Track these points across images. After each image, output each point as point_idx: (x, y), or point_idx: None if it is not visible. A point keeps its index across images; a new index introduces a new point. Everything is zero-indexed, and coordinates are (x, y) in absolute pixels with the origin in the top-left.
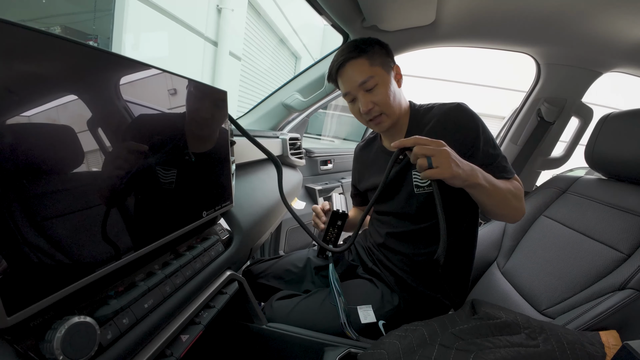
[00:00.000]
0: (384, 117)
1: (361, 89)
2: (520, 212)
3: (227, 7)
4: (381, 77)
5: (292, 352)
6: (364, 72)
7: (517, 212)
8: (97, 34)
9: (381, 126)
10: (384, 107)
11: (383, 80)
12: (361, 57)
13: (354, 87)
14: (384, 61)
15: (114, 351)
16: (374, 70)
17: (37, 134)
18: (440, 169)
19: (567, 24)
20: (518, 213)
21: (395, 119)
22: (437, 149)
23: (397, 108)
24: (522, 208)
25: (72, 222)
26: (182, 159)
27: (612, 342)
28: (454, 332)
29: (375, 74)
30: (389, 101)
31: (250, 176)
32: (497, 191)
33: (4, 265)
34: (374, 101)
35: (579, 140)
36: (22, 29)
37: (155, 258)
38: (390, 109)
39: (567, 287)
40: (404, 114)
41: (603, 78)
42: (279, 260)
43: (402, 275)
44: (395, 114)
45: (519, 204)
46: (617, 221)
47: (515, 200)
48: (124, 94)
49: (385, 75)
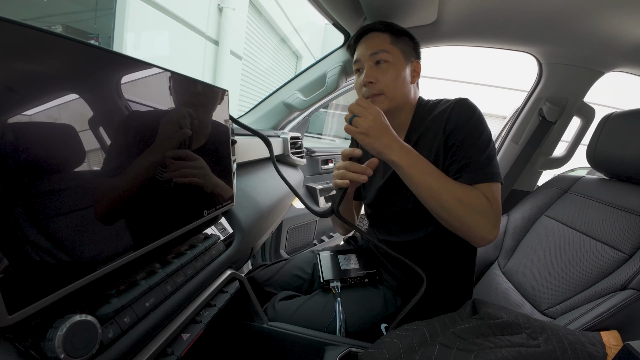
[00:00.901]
0: (382, 97)
1: (371, 60)
2: (477, 231)
3: (228, 6)
4: (396, 58)
5: (293, 351)
6: (381, 44)
7: (470, 229)
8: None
9: (378, 107)
10: (386, 87)
11: (396, 62)
12: (386, 32)
13: (366, 55)
14: (407, 50)
15: (115, 350)
16: (392, 48)
17: (38, 133)
18: (355, 129)
19: (569, 24)
20: (472, 231)
21: (394, 106)
22: (365, 110)
23: (399, 96)
24: (481, 227)
25: (73, 220)
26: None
27: (613, 343)
28: (455, 332)
29: (392, 52)
30: (393, 83)
31: (251, 175)
32: (425, 184)
33: (6, 263)
34: (378, 77)
35: (581, 140)
36: (24, 27)
37: (156, 257)
38: (392, 92)
39: (568, 287)
40: (407, 109)
41: (605, 78)
42: (284, 265)
43: (404, 279)
44: (396, 100)
45: (472, 219)
46: (619, 221)
47: (464, 209)
48: (125, 92)
49: (401, 60)
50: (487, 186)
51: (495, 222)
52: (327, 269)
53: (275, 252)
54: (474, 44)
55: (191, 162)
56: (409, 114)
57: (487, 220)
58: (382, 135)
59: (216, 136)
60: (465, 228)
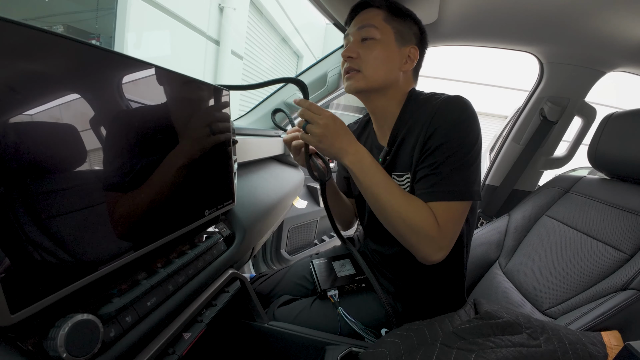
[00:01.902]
0: (359, 75)
1: (358, 34)
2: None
3: (229, 6)
4: (385, 37)
5: (294, 350)
6: (371, 20)
7: (412, 248)
8: (100, 33)
9: (352, 84)
10: (365, 64)
11: (384, 41)
12: (381, 8)
13: (353, 29)
14: (403, 32)
15: (117, 349)
16: (383, 25)
17: (40, 133)
18: (308, 136)
19: (570, 23)
20: (414, 250)
21: (370, 87)
22: (316, 116)
23: (379, 77)
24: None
25: (75, 220)
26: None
27: (614, 343)
28: (456, 332)
29: (382, 30)
30: (374, 62)
31: (252, 175)
32: (373, 194)
33: (8, 263)
34: (360, 52)
35: (582, 139)
36: (25, 28)
37: (157, 256)
38: (371, 71)
39: (569, 287)
40: (395, 97)
41: (606, 77)
42: (285, 274)
43: (401, 284)
44: (375, 82)
45: (413, 240)
46: (620, 221)
47: (407, 229)
48: (126, 92)
49: (392, 41)
50: (442, 205)
51: (441, 246)
52: (323, 278)
53: (276, 251)
54: (475, 44)
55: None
56: (396, 107)
57: (429, 244)
58: (334, 140)
59: (217, 135)
60: (407, 245)
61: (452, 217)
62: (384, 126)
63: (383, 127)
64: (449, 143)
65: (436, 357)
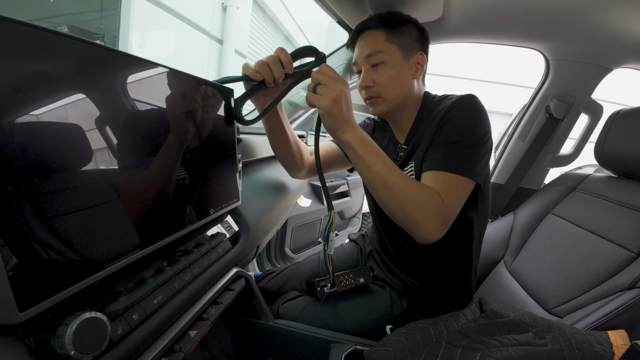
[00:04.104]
0: (380, 100)
1: (367, 62)
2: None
3: (232, 5)
4: (393, 57)
5: (299, 348)
6: (374, 45)
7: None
8: (104, 33)
9: (375, 109)
10: (382, 89)
11: (394, 61)
12: (380, 29)
13: (361, 58)
14: (407, 44)
15: (124, 346)
16: (387, 47)
17: (46, 132)
18: (318, 97)
19: (577, 19)
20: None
21: (393, 106)
22: (330, 78)
23: (398, 96)
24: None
25: (82, 219)
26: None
27: (620, 342)
28: (461, 331)
29: (387, 51)
30: (390, 84)
31: (257, 174)
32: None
33: (16, 262)
34: (375, 79)
35: (589, 137)
36: (30, 28)
37: (164, 255)
38: (389, 93)
39: (575, 286)
40: (412, 106)
41: (613, 74)
42: (293, 272)
43: (407, 281)
44: (395, 101)
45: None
46: (627, 219)
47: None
48: (131, 92)
49: (399, 57)
50: (446, 177)
51: (443, 222)
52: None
53: (281, 250)
54: (480, 41)
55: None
56: (413, 111)
57: (434, 220)
58: (347, 108)
59: (222, 134)
60: (411, 224)
61: (455, 192)
62: (400, 126)
63: (400, 127)
64: (458, 130)
65: (441, 355)
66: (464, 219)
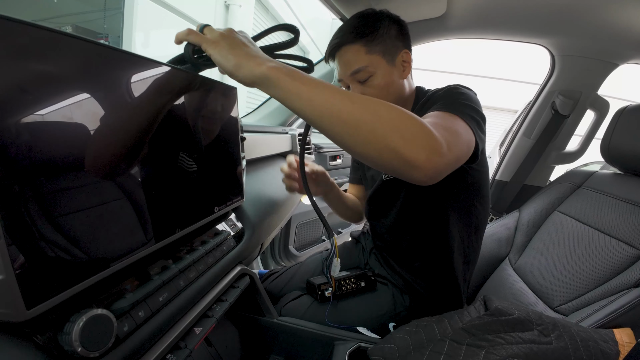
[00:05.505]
0: None
1: (353, 80)
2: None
3: (235, 3)
4: (378, 67)
5: (303, 346)
6: (357, 62)
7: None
8: (108, 33)
9: None
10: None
11: (380, 71)
12: (357, 42)
13: (346, 76)
14: (389, 46)
15: (130, 343)
16: (370, 59)
17: (52, 132)
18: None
19: (582, 15)
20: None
21: None
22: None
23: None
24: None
25: (89, 217)
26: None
27: (626, 340)
28: (465, 328)
29: (371, 63)
30: (382, 94)
31: (260, 172)
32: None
33: (23, 260)
34: (366, 93)
35: (595, 133)
36: (35, 28)
37: (169, 253)
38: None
39: (580, 283)
40: (406, 103)
41: (619, 70)
42: (296, 272)
43: (409, 278)
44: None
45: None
46: (633, 217)
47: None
48: (136, 90)
49: (384, 64)
50: (439, 114)
51: (433, 147)
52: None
53: (285, 247)
54: (484, 37)
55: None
56: (408, 106)
57: (420, 144)
58: (238, 46)
59: (226, 133)
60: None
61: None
62: None
63: None
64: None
65: (446, 353)
66: (462, 208)
